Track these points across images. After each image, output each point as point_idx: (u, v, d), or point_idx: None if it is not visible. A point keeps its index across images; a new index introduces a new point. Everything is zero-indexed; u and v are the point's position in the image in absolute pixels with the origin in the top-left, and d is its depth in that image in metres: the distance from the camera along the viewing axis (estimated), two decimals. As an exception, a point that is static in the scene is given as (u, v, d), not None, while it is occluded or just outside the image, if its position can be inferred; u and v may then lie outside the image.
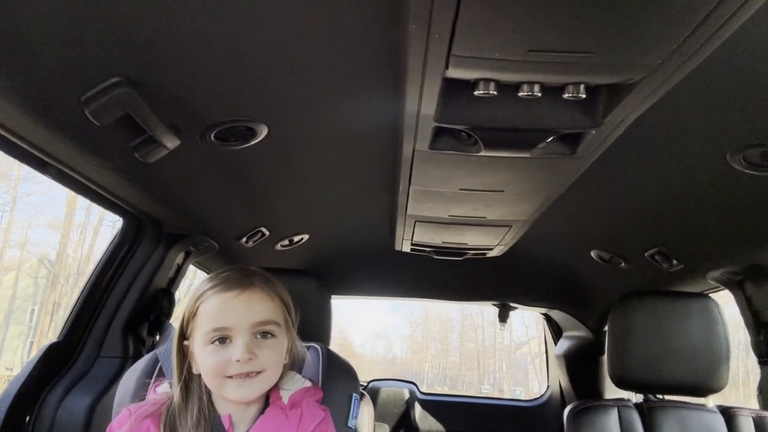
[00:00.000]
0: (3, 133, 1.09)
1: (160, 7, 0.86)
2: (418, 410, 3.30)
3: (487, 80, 0.94)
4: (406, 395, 3.31)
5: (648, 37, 0.80)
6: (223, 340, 1.07)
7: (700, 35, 0.79)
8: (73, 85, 1.00)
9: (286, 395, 1.16)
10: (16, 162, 1.26)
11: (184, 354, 1.12)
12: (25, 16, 0.84)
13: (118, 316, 1.75)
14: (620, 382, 1.78)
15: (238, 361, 1.05)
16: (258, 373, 1.07)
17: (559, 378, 3.28)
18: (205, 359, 1.07)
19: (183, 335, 1.13)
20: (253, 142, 1.34)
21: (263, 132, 1.30)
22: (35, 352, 1.62)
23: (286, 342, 1.14)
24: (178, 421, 1.08)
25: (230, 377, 1.06)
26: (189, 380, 1.12)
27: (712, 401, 1.76)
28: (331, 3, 0.87)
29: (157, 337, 1.90)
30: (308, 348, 1.39)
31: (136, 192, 1.52)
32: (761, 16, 0.78)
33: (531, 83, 0.95)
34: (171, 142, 1.23)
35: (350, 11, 0.89)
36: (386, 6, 0.86)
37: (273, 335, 1.10)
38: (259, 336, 1.08)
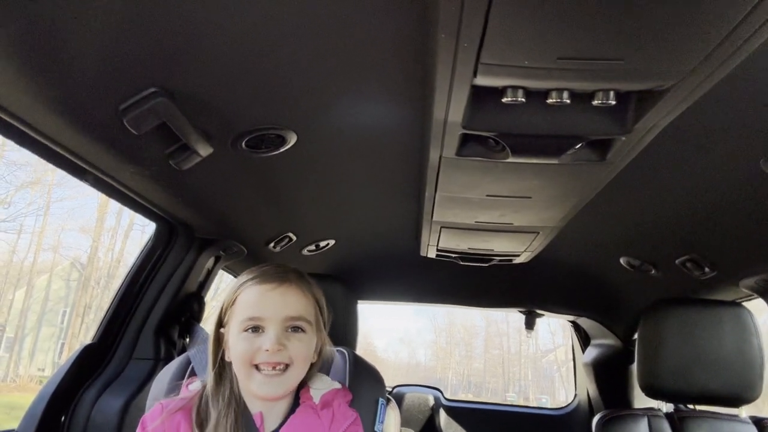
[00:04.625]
0: (44, 141, 1.14)
1: (195, 20, 0.89)
2: (443, 417, 3.28)
3: (516, 87, 0.94)
4: (431, 401, 3.30)
5: (680, 44, 0.79)
6: (256, 329, 1.10)
7: (733, 41, 0.78)
8: (111, 96, 1.04)
9: (317, 395, 1.18)
10: (50, 167, 1.31)
11: (219, 341, 1.17)
12: (66, 31, 0.87)
13: (151, 318, 1.79)
14: (650, 391, 1.76)
15: (267, 350, 1.08)
16: (286, 366, 1.10)
17: (586, 386, 3.23)
18: (236, 346, 1.11)
19: (220, 323, 1.17)
20: (282, 150, 1.36)
21: (292, 139, 1.32)
22: (67, 354, 1.67)
23: (315, 340, 1.16)
24: (211, 403, 1.12)
25: (258, 369, 1.09)
26: (222, 367, 1.16)
27: (745, 412, 1.72)
28: (360, 12, 0.89)
29: (188, 340, 1.93)
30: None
31: (170, 198, 1.55)
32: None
33: (560, 90, 0.94)
34: (204, 150, 1.26)
35: (379, 20, 0.91)
36: (415, 15, 0.87)
37: (303, 331, 1.13)
38: (289, 330, 1.12)
